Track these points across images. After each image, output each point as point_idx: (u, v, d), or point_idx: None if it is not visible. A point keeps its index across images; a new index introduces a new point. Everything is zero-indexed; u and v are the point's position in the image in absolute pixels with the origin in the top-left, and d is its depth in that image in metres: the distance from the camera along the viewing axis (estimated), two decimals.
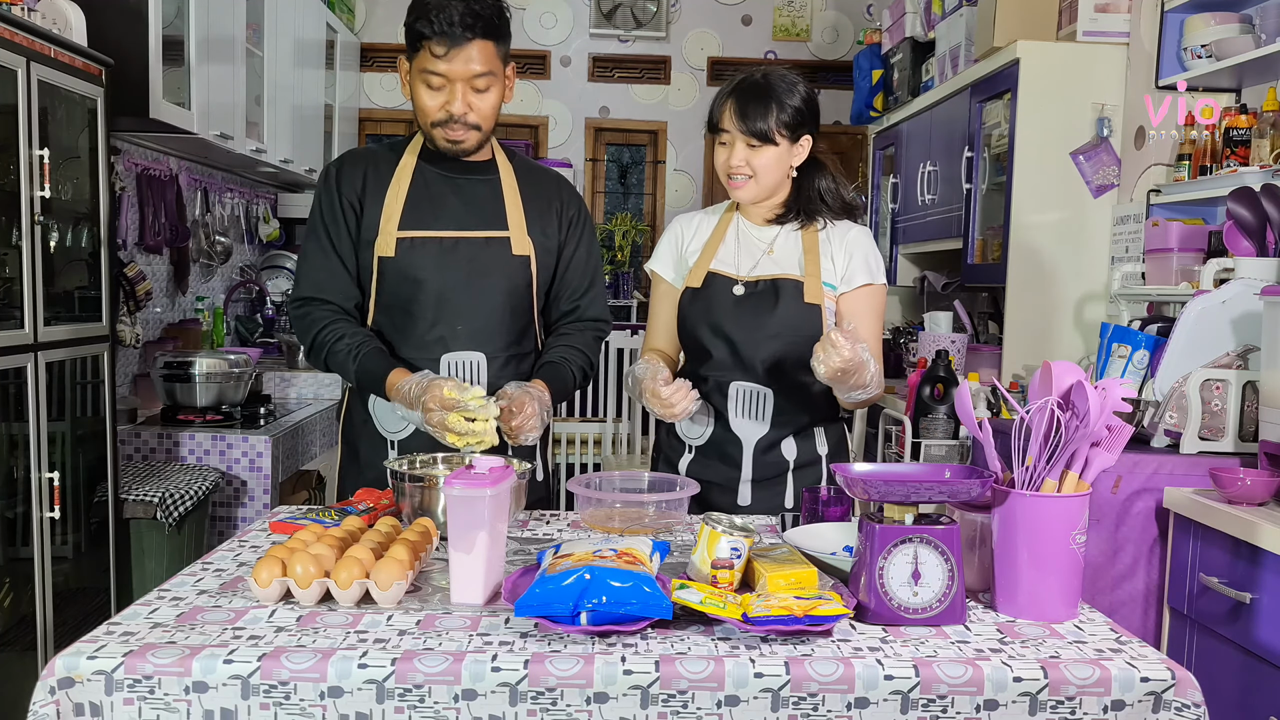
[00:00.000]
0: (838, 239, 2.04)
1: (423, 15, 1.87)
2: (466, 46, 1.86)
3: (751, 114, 1.94)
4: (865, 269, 2.03)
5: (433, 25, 1.85)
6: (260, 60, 4.13)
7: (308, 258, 2.02)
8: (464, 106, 1.91)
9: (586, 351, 2.09)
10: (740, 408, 2.02)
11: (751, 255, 2.05)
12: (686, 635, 1.30)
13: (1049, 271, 3.43)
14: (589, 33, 5.88)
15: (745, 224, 2.09)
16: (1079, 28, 3.39)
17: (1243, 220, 2.55)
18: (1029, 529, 1.41)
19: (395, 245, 1.96)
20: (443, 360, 1.98)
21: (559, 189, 2.11)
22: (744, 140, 1.95)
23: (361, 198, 1.99)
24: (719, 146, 2.01)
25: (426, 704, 1.19)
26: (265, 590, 1.37)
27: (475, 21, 1.86)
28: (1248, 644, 2.04)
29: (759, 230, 2.07)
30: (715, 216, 2.13)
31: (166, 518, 2.85)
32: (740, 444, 2.04)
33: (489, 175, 2.04)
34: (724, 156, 1.99)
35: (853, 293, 2.02)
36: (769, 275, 2.01)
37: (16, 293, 2.35)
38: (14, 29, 2.27)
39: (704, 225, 2.12)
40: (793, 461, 2.05)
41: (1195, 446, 2.40)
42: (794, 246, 2.04)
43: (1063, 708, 1.22)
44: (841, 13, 5.93)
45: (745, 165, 1.96)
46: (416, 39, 1.89)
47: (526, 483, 1.81)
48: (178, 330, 3.99)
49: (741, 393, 2.02)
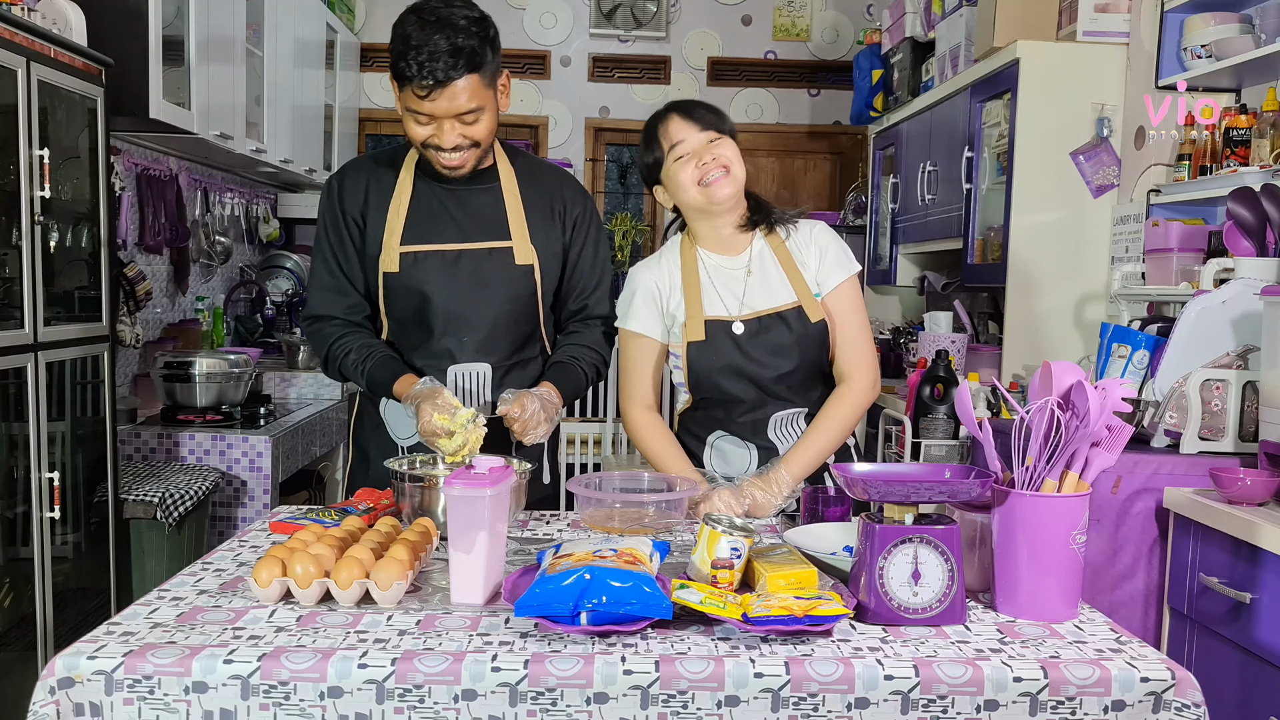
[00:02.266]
0: (804, 242, 2.01)
1: (403, 55, 1.79)
2: (450, 87, 1.80)
3: (698, 113, 1.95)
4: (839, 264, 2.00)
5: (411, 68, 1.77)
6: (260, 60, 4.13)
7: (315, 276, 2.05)
8: (454, 139, 1.86)
9: (597, 349, 2.08)
10: (783, 433, 2.02)
11: (734, 289, 1.99)
12: (686, 635, 1.30)
13: (1049, 271, 3.43)
14: (589, 33, 5.87)
15: (711, 259, 2.01)
16: (1079, 28, 3.39)
17: (1243, 220, 2.55)
18: (1029, 529, 1.41)
19: (399, 261, 1.95)
20: (449, 371, 1.99)
21: (562, 189, 2.07)
22: (704, 137, 1.93)
23: (364, 212, 1.99)
24: (676, 165, 1.93)
25: (426, 704, 1.19)
26: (265, 590, 1.37)
27: (457, 60, 1.77)
28: (1248, 644, 2.04)
29: (729, 260, 2.01)
30: (675, 256, 2.03)
31: (166, 518, 2.85)
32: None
33: (490, 184, 2.01)
34: (689, 166, 1.92)
35: (834, 293, 2.00)
36: (769, 309, 1.97)
37: (16, 293, 2.35)
38: (14, 29, 2.27)
39: (671, 271, 2.02)
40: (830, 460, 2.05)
41: (1195, 446, 2.40)
42: (771, 265, 2.00)
43: (1063, 708, 1.22)
44: (841, 13, 5.92)
45: (715, 159, 1.92)
46: (399, 76, 1.82)
47: (527, 483, 1.81)
48: (178, 330, 3.99)
49: (781, 420, 2.02)
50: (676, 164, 1.94)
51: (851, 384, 1.99)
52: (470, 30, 1.80)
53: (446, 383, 1.99)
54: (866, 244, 5.03)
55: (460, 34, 1.78)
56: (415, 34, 1.78)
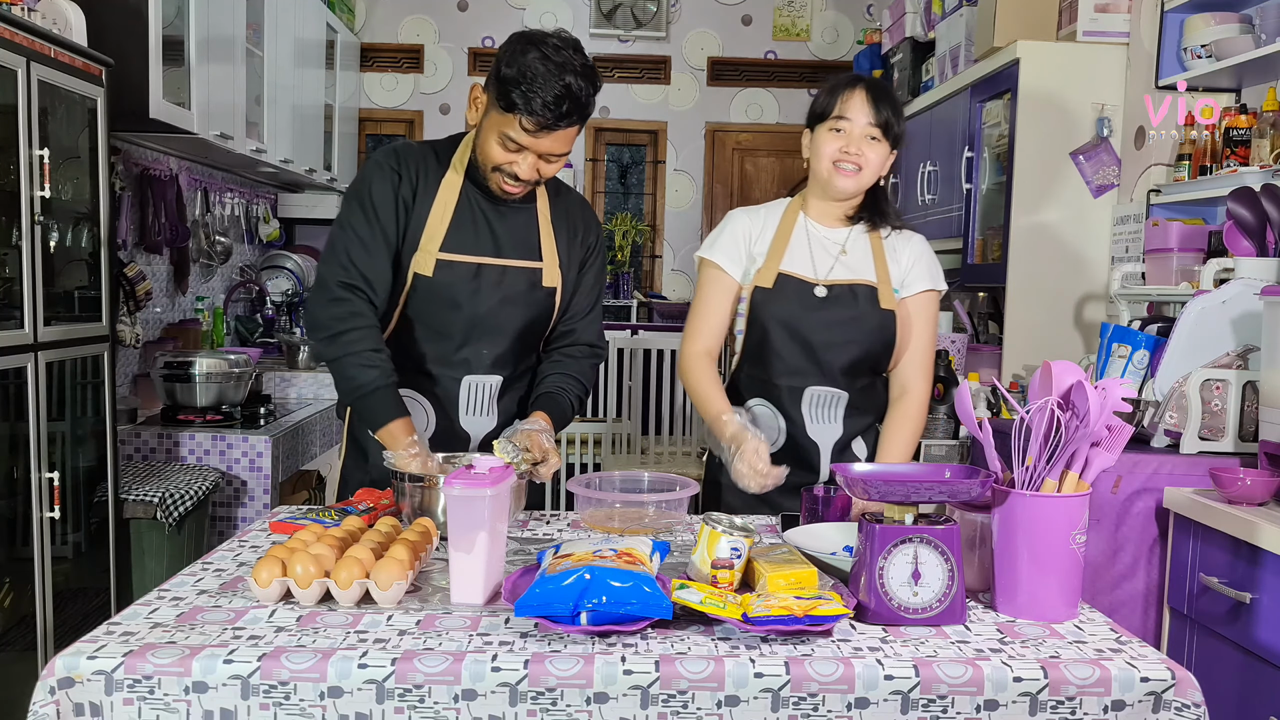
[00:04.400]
0: (902, 245, 2.06)
1: (521, 84, 1.77)
2: (556, 132, 1.81)
3: (882, 105, 1.96)
4: (929, 275, 2.06)
5: (529, 103, 1.77)
6: (260, 60, 4.13)
7: (359, 238, 1.89)
8: (531, 173, 1.87)
9: (583, 380, 2.06)
10: (816, 413, 2.03)
11: (825, 258, 2.04)
12: (686, 635, 1.30)
13: (1049, 271, 3.43)
14: (589, 33, 5.88)
15: (814, 225, 2.07)
16: (1079, 28, 3.39)
17: (1243, 220, 2.55)
18: (1029, 529, 1.41)
19: (434, 266, 1.92)
20: (463, 382, 1.99)
21: (582, 215, 2.09)
22: (867, 130, 1.95)
23: (415, 196, 1.94)
24: (828, 134, 1.97)
25: (426, 704, 1.19)
26: (265, 590, 1.37)
27: (572, 110, 1.79)
28: (1248, 644, 2.04)
29: (829, 232, 2.06)
30: (777, 215, 2.09)
31: (166, 518, 2.85)
32: (817, 449, 2.04)
33: (528, 203, 2.01)
34: (837, 144, 1.96)
35: (914, 298, 2.04)
36: (845, 280, 2.01)
37: (16, 293, 2.35)
38: (14, 29, 2.27)
39: (769, 222, 2.08)
40: (864, 458, 2.07)
41: (1195, 446, 2.40)
42: (864, 250, 2.05)
43: (1063, 708, 1.22)
44: (841, 13, 5.92)
45: (859, 154, 1.96)
46: (508, 103, 1.79)
47: (527, 483, 1.81)
48: (178, 330, 3.99)
49: (817, 397, 2.02)
50: (828, 133, 1.98)
51: (914, 397, 2.03)
52: (586, 78, 1.82)
53: (460, 391, 1.98)
54: None
55: (579, 81, 1.80)
56: (541, 69, 1.77)
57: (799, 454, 2.03)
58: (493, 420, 2.03)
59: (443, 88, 5.89)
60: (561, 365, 2.06)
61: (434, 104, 5.93)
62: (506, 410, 2.05)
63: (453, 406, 2.00)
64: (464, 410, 2.00)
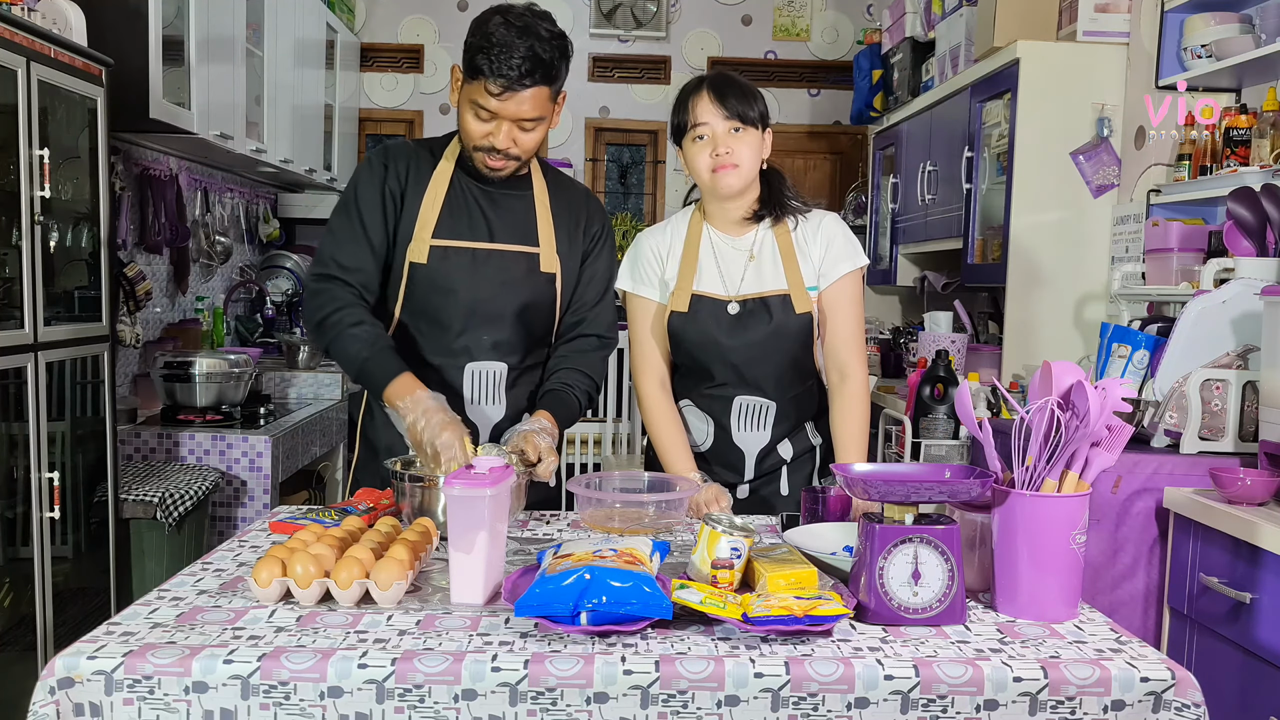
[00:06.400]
0: (811, 233, 2.02)
1: (484, 49, 1.82)
2: (522, 92, 1.83)
3: (729, 100, 1.94)
4: (846, 256, 2.02)
5: (492, 65, 1.81)
6: (260, 60, 4.13)
7: (336, 235, 1.96)
8: (508, 142, 1.89)
9: (591, 374, 2.06)
10: (743, 421, 2.04)
11: (735, 269, 2.02)
12: (686, 635, 1.30)
13: (1049, 271, 3.43)
14: (589, 32, 5.87)
15: (717, 235, 2.04)
16: (1079, 28, 3.39)
17: (1243, 220, 2.55)
18: (1029, 529, 1.41)
19: (428, 253, 1.95)
20: (466, 369, 1.99)
21: (586, 205, 2.10)
22: (726, 125, 1.93)
23: (404, 190, 1.97)
24: (694, 144, 1.96)
25: (426, 704, 1.19)
26: (265, 590, 1.37)
27: (536, 68, 1.82)
28: (1248, 644, 2.04)
29: (734, 240, 2.03)
30: (683, 227, 2.07)
31: (166, 518, 2.85)
32: (743, 453, 2.06)
33: (524, 190, 2.03)
34: (706, 151, 1.94)
35: (836, 284, 2.01)
36: (757, 293, 1.99)
37: (16, 293, 2.35)
38: (14, 29, 2.27)
39: (676, 237, 2.06)
40: (788, 458, 2.09)
41: (1195, 446, 2.40)
42: (772, 253, 2.01)
43: (1063, 708, 1.22)
44: (841, 13, 5.92)
45: (730, 153, 1.93)
46: (473, 69, 1.85)
47: (528, 483, 1.81)
48: (178, 330, 3.99)
49: (745, 406, 2.03)
50: (694, 144, 1.96)
51: (854, 379, 2.01)
52: (552, 43, 1.85)
53: (463, 379, 1.99)
54: (867, 244, 5.03)
55: (544, 44, 1.83)
56: (501, 33, 1.82)
57: (726, 456, 2.07)
58: (501, 409, 2.03)
59: (443, 88, 5.89)
60: (569, 360, 2.06)
61: (434, 104, 5.93)
62: (517, 401, 2.05)
63: (458, 397, 2.00)
64: (470, 399, 2.00)
